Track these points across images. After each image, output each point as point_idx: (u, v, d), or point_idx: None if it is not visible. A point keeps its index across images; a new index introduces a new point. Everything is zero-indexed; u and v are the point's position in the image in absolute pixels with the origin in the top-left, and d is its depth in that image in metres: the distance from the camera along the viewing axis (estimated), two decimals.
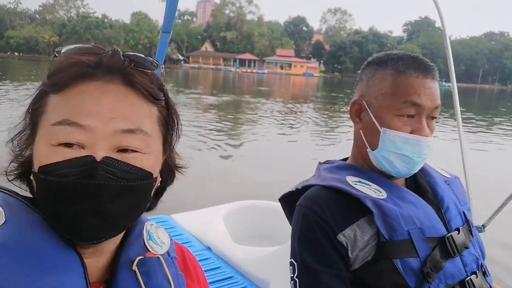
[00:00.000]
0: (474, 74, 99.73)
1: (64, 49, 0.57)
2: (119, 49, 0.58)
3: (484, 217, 1.70)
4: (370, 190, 0.97)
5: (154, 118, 0.59)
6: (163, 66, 0.62)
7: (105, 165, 0.52)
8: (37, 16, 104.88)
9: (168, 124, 0.63)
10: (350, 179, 1.00)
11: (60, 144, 0.53)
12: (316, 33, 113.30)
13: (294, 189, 1.10)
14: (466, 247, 1.00)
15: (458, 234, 0.99)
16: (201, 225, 2.73)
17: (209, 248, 2.52)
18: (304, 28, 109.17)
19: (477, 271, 1.00)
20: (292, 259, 0.98)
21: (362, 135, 1.05)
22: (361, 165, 1.08)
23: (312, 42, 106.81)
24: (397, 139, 0.97)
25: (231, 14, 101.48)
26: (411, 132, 0.98)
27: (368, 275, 0.93)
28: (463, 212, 1.07)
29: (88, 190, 0.52)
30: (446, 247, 0.95)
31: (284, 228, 2.44)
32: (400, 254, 0.91)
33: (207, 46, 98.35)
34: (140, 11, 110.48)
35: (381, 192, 0.97)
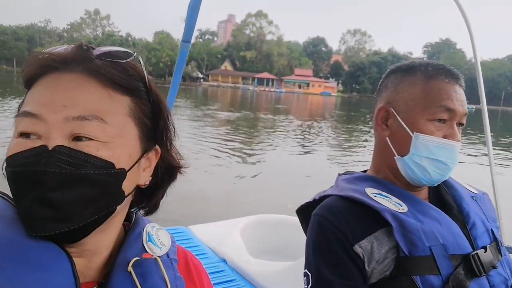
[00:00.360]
0: (496, 96, 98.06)
1: (35, 53, 0.58)
2: (83, 41, 0.58)
3: None
4: (390, 203, 0.94)
5: (123, 108, 0.57)
6: (138, 55, 0.61)
7: (56, 154, 0.51)
8: (65, 34, 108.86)
9: (149, 116, 0.61)
10: (370, 191, 0.97)
11: (20, 136, 0.53)
12: (335, 53, 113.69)
13: (311, 200, 1.07)
14: (494, 267, 0.94)
15: (485, 252, 0.94)
16: (217, 237, 2.73)
17: (224, 261, 2.52)
18: (323, 49, 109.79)
19: None
20: (306, 270, 0.96)
21: (389, 142, 1.02)
22: (384, 176, 1.05)
23: (330, 62, 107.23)
24: (431, 144, 0.95)
25: (251, 34, 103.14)
26: (444, 137, 0.96)
27: None
28: (491, 229, 1.02)
29: (32, 177, 0.51)
30: (471, 266, 0.90)
31: (299, 243, 2.43)
32: (421, 271, 0.86)
33: (226, 65, 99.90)
34: (163, 30, 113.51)
35: (401, 206, 0.94)
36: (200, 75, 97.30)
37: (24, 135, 0.53)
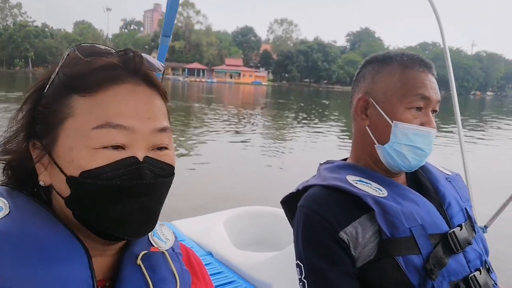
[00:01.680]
0: None
1: (78, 48, 0.57)
2: (138, 51, 0.59)
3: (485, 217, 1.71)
4: (370, 189, 0.97)
5: (167, 115, 0.63)
6: (164, 66, 0.65)
7: (147, 164, 0.55)
8: None
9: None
10: (351, 178, 1.01)
11: (103, 147, 0.53)
12: (264, 42, 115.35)
13: (295, 191, 1.11)
14: (469, 243, 0.99)
15: (460, 230, 0.99)
16: (201, 231, 2.73)
17: (210, 254, 2.53)
18: (252, 38, 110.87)
19: (481, 268, 0.99)
20: (298, 261, 0.99)
21: (369, 131, 1.05)
22: (364, 163, 1.09)
23: (260, 52, 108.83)
24: (409, 132, 0.99)
25: (179, 24, 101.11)
26: (421, 125, 1.00)
27: (371, 273, 0.93)
28: (465, 208, 1.08)
29: (139, 190, 0.54)
30: (448, 244, 0.95)
31: (283, 233, 2.53)
32: (402, 251, 0.90)
33: (154, 56, 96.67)
34: (84, 20, 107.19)
35: (381, 191, 0.98)
36: None
37: (113, 146, 0.54)
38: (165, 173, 0.58)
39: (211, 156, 8.97)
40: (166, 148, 0.59)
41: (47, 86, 0.58)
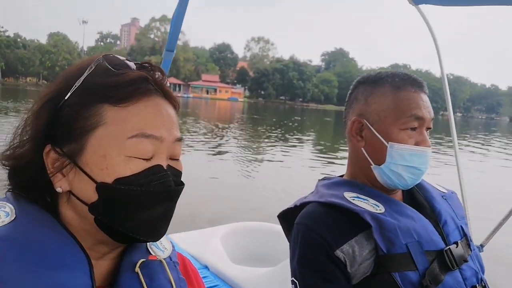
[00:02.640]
0: None
1: (107, 60, 0.59)
2: (157, 66, 0.63)
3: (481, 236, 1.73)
4: (368, 205, 0.98)
5: None
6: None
7: (170, 171, 0.60)
8: None
9: None
10: (348, 195, 1.02)
11: (136, 155, 0.56)
12: (241, 60, 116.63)
13: (292, 206, 1.11)
14: (465, 260, 1.00)
15: (456, 247, 0.99)
16: (198, 244, 2.73)
17: (206, 267, 2.53)
18: (229, 55, 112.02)
19: (477, 285, 1.00)
20: (293, 278, 1.00)
21: (365, 152, 1.06)
22: (361, 181, 1.10)
23: (237, 69, 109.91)
24: (405, 152, 0.99)
25: (156, 39, 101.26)
26: (416, 144, 1.01)
27: None
28: (461, 226, 1.08)
29: (168, 196, 0.59)
30: (444, 260, 0.96)
31: (279, 248, 2.63)
32: (399, 268, 0.91)
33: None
34: (59, 31, 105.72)
35: (379, 207, 0.99)
36: None
37: (143, 155, 0.57)
38: (179, 180, 0.62)
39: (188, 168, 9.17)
40: (178, 158, 0.63)
41: (69, 93, 0.58)
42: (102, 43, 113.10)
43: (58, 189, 0.58)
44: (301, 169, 10.34)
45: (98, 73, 0.58)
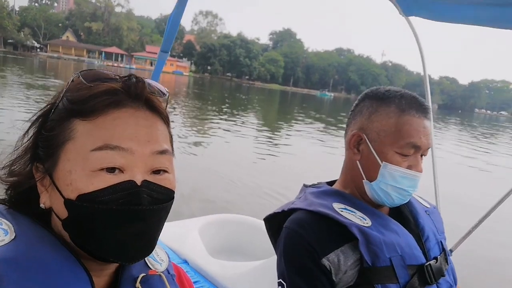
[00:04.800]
0: (326, 83, 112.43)
1: (82, 74, 0.58)
2: (140, 77, 0.61)
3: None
4: (355, 217, 1.01)
5: (169, 139, 0.63)
6: (168, 92, 0.65)
7: (145, 188, 0.55)
8: None
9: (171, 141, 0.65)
10: (337, 206, 1.04)
11: (101, 169, 0.53)
12: (188, 33, 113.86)
13: (279, 211, 1.13)
14: (443, 275, 1.05)
15: (436, 263, 1.05)
16: (176, 237, 2.69)
17: (186, 262, 2.50)
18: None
19: None
20: (280, 279, 1.03)
21: (359, 166, 1.09)
22: (350, 191, 1.13)
23: (183, 42, 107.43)
24: (397, 174, 1.02)
25: (98, 4, 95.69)
26: (408, 168, 1.03)
27: None
28: (441, 241, 1.13)
29: (136, 216, 0.54)
30: (424, 275, 1.00)
31: (256, 242, 2.71)
32: (381, 280, 0.94)
33: (68, 36, 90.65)
34: None
35: (366, 220, 1.01)
36: (37, 45, 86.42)
37: (110, 169, 0.54)
38: (164, 197, 0.58)
39: None
40: (166, 171, 0.59)
41: (52, 110, 0.59)
42: (36, 4, 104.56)
43: (42, 205, 0.58)
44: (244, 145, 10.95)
45: (73, 88, 0.58)
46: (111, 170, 0.54)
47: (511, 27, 1.58)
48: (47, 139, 0.58)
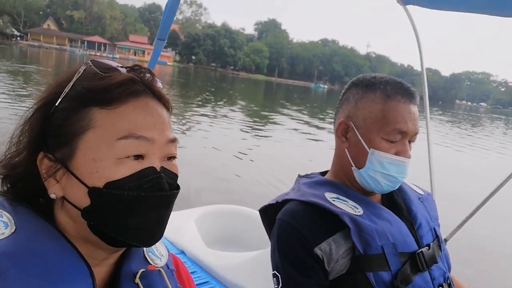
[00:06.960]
0: (311, 74, 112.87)
1: (95, 63, 0.60)
2: (148, 68, 0.63)
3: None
4: (347, 206, 1.01)
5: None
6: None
7: (163, 174, 0.58)
8: None
9: None
10: (329, 195, 1.04)
11: (126, 157, 0.55)
12: (172, 22, 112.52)
13: (274, 202, 1.14)
14: (435, 262, 1.06)
15: (428, 250, 1.05)
16: (173, 228, 2.61)
17: (183, 252, 2.52)
18: (160, 16, 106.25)
19: (443, 284, 1.07)
20: (275, 271, 1.03)
21: (348, 154, 1.09)
22: (341, 180, 1.13)
23: None
24: (384, 160, 1.03)
25: None
26: (396, 154, 1.04)
27: (342, 286, 0.97)
28: (434, 228, 1.13)
29: (161, 200, 0.57)
30: (416, 262, 1.01)
31: (253, 233, 2.74)
32: (373, 268, 0.95)
33: (50, 24, 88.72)
34: None
35: (357, 209, 1.02)
36: (16, 33, 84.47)
37: (136, 156, 0.56)
38: (175, 183, 0.61)
39: None
40: (174, 157, 0.62)
41: (59, 99, 0.58)
42: None
43: (52, 195, 0.57)
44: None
45: (87, 77, 0.59)
46: (136, 157, 0.56)
47: (509, 14, 1.56)
48: (58, 128, 0.58)
